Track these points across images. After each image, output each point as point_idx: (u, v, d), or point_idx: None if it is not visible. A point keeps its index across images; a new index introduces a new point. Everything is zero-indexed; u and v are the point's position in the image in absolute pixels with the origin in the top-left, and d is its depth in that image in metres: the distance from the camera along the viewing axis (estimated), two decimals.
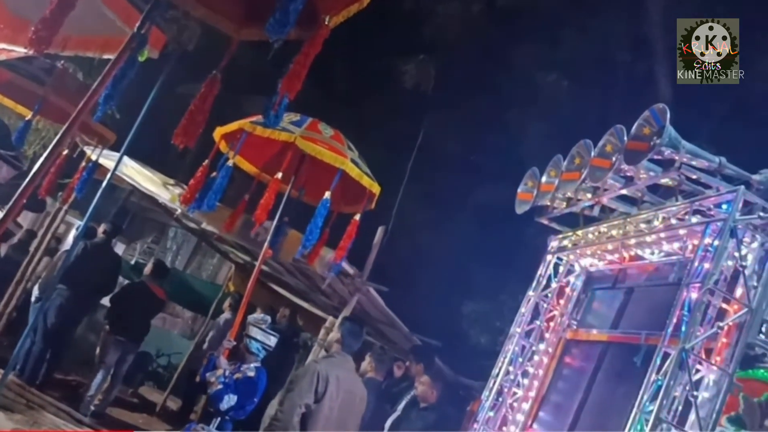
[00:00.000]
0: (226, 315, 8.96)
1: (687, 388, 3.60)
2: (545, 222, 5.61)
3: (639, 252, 4.86)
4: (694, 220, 4.15)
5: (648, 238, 4.57)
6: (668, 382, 3.58)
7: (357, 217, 5.65)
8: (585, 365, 5.12)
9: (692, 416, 3.58)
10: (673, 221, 4.33)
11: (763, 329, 3.68)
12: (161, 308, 8.32)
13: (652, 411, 3.56)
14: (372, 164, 5.98)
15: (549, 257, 5.63)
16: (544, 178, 5.31)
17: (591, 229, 5.20)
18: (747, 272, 3.76)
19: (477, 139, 11.44)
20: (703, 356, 3.68)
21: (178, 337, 12.81)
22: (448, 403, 7.00)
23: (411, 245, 11.61)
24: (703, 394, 3.63)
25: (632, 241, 4.73)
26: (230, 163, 5.31)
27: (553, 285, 5.57)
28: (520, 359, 5.48)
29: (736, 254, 3.76)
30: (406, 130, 10.83)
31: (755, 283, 3.73)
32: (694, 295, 3.72)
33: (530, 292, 5.61)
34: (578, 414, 4.84)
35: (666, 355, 3.70)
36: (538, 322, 5.53)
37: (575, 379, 5.15)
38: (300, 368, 7.81)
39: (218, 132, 5.49)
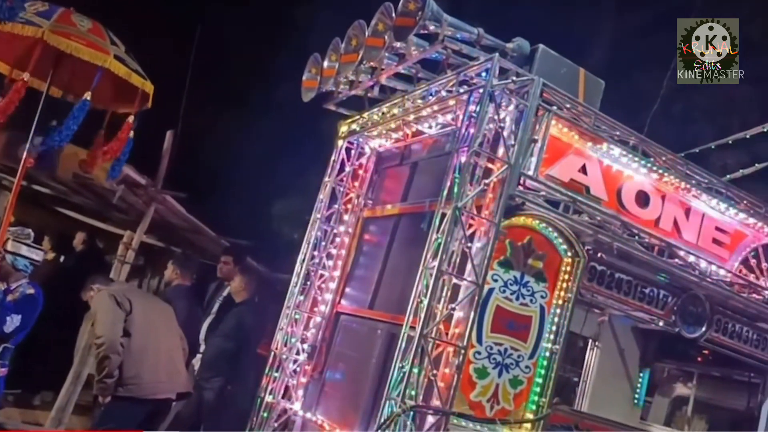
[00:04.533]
0: None
1: (462, 241, 4.02)
2: (332, 108, 5.71)
3: (419, 127, 5.17)
4: (461, 90, 4.48)
5: (424, 113, 4.86)
6: (446, 239, 3.96)
7: (130, 119, 5.26)
8: (381, 239, 5.48)
9: (469, 265, 4.03)
10: (444, 93, 4.64)
11: (521, 181, 4.17)
12: None
13: (434, 266, 3.94)
14: (148, 64, 5.55)
15: (340, 142, 5.79)
16: (325, 63, 5.34)
17: (375, 110, 5.40)
18: (505, 133, 4.18)
19: (263, 33, 11.05)
20: (474, 212, 4.10)
21: None
22: (267, 300, 7.19)
23: (208, 147, 11.25)
24: (476, 245, 4.07)
25: (411, 117, 5.01)
26: None
27: (347, 169, 5.77)
28: (323, 243, 5.71)
29: (496, 117, 4.15)
30: (184, 27, 10.13)
31: (513, 142, 4.16)
32: (462, 159, 4.07)
33: (326, 179, 5.77)
34: (379, 282, 5.22)
35: (443, 216, 4.06)
36: (336, 206, 5.75)
37: (374, 253, 5.51)
38: None
39: None
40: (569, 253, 4.36)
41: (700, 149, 7.31)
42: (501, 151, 4.16)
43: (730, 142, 7.18)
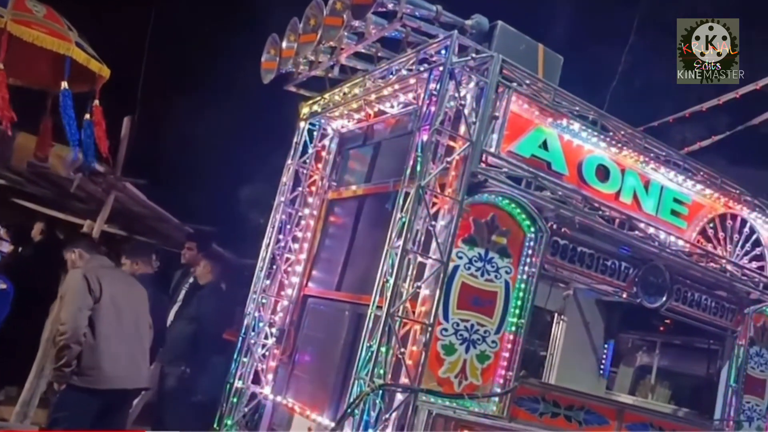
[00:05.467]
0: None
1: (426, 220, 4.02)
2: (293, 89, 5.65)
3: (381, 107, 5.14)
4: (421, 68, 4.46)
5: (385, 92, 4.84)
6: (410, 218, 3.96)
7: (96, 102, 5.18)
8: (347, 220, 5.47)
9: (433, 244, 4.04)
10: (404, 72, 4.62)
11: (483, 158, 4.18)
12: None
13: (399, 245, 3.95)
14: (102, 48, 5.41)
15: (302, 124, 5.74)
16: (284, 44, 5.26)
17: (336, 90, 5.36)
18: (466, 111, 4.19)
19: (220, 13, 10.81)
20: (438, 190, 4.11)
21: None
22: (235, 286, 7.13)
23: (169, 133, 11.02)
24: (440, 223, 4.09)
25: (373, 97, 4.98)
26: None
27: (310, 151, 5.73)
28: (288, 226, 5.67)
29: (457, 95, 4.14)
30: (139, 7, 9.84)
31: (474, 119, 4.17)
32: (424, 137, 4.06)
33: (289, 161, 5.73)
34: (345, 264, 5.22)
35: (407, 195, 4.05)
36: (300, 189, 5.71)
37: (340, 235, 5.50)
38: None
39: None
40: (532, 229, 4.40)
41: (659, 123, 7.44)
42: (462, 128, 4.16)
43: (687, 115, 7.33)
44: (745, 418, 5.51)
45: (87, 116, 5.16)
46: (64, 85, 4.83)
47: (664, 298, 5.12)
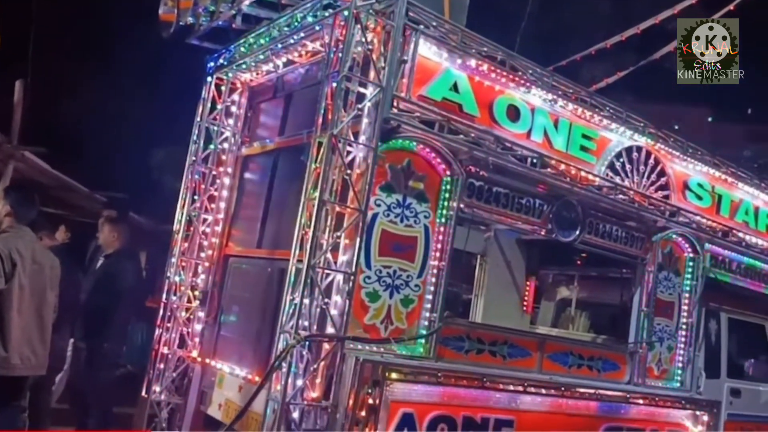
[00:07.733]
0: None
1: (341, 169, 3.97)
2: (196, 42, 5.40)
3: (289, 57, 4.99)
4: (326, 14, 4.33)
5: (292, 41, 4.69)
6: (324, 168, 3.90)
7: None
8: (262, 175, 5.35)
9: (351, 193, 4.00)
10: (310, 19, 4.48)
11: (395, 104, 4.14)
12: None
13: (316, 196, 3.89)
14: None
15: (209, 79, 5.51)
16: None
17: (241, 41, 5.16)
18: (375, 56, 4.10)
19: None
20: (351, 138, 4.06)
21: None
22: (157, 253, 6.87)
23: (69, 96, 10.38)
24: (356, 172, 4.05)
25: (279, 47, 4.83)
26: None
27: (219, 107, 5.53)
28: (203, 186, 5.50)
29: (363, 40, 4.05)
30: None
31: (383, 64, 4.10)
32: (334, 85, 3.98)
33: (197, 119, 5.51)
34: (264, 220, 5.13)
35: (320, 145, 3.98)
36: (212, 147, 5.52)
37: (257, 191, 5.38)
38: None
39: None
40: (448, 172, 4.44)
41: (567, 62, 7.59)
42: (372, 74, 4.09)
43: (593, 53, 7.50)
44: (657, 339, 5.85)
45: None
46: None
47: (578, 232, 5.30)
